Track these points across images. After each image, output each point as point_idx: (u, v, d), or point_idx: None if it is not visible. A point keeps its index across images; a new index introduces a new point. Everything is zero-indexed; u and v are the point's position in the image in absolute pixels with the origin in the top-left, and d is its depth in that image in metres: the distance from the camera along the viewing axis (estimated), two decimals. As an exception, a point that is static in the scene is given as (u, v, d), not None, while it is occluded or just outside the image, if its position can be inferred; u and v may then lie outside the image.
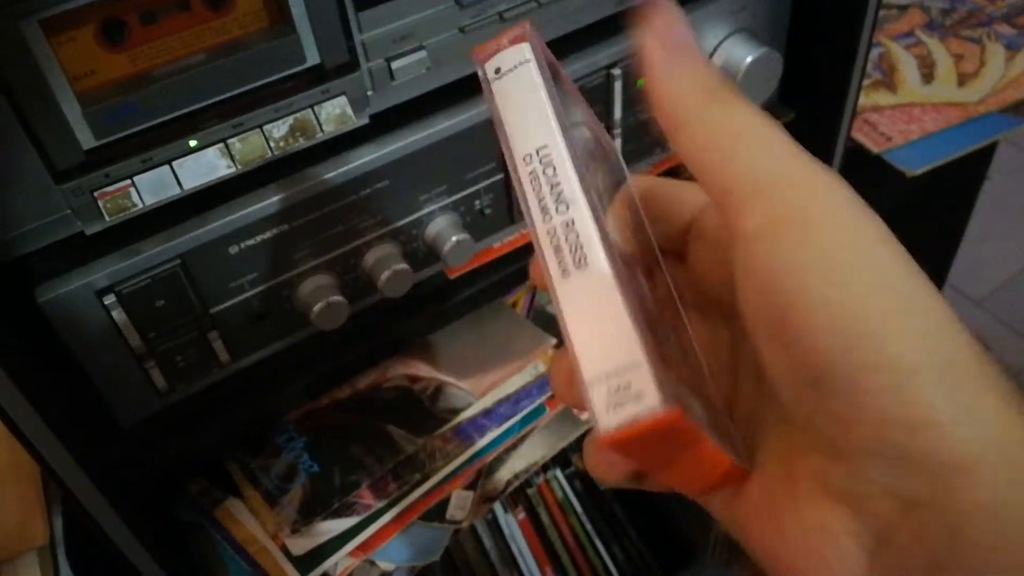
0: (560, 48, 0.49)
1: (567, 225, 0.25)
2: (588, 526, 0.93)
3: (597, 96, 0.52)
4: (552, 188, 0.25)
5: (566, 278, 0.24)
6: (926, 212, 1.09)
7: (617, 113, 0.53)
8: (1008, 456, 0.21)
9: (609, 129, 0.54)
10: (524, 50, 0.28)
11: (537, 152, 0.26)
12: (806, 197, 0.24)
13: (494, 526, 0.90)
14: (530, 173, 0.26)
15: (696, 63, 0.26)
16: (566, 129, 0.26)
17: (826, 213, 0.23)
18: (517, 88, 0.28)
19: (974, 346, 0.22)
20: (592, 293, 0.23)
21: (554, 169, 0.26)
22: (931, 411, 0.21)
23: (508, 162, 0.27)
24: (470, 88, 0.47)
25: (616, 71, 0.51)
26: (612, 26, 0.51)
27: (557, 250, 0.24)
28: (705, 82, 0.26)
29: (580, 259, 0.24)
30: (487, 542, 0.89)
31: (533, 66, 0.28)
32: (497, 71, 0.28)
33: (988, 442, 0.21)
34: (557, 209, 0.25)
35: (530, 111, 0.27)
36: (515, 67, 0.28)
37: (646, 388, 0.21)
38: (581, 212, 0.24)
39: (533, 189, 0.26)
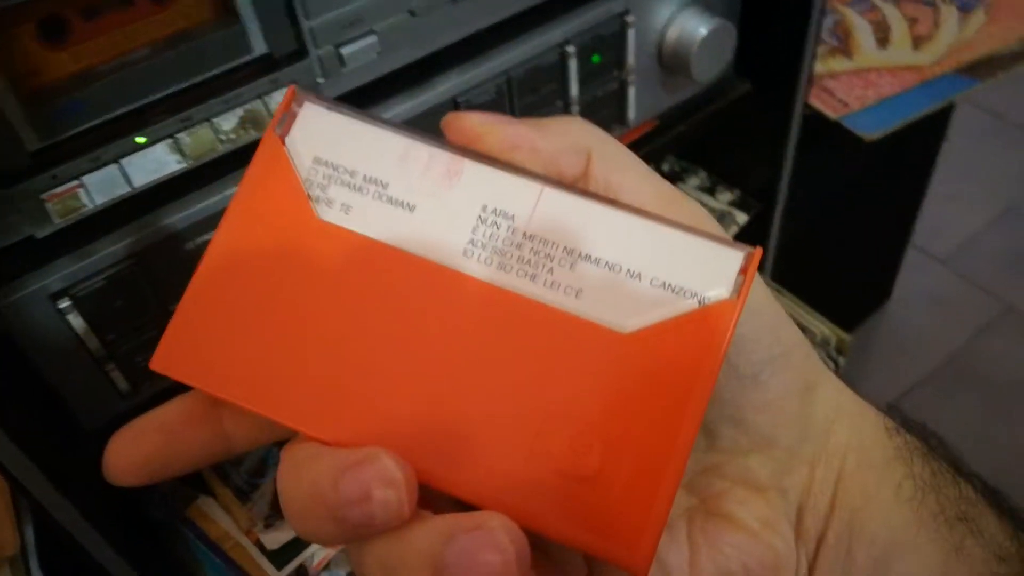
0: (512, 27, 0.49)
1: None
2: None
3: (553, 74, 0.51)
4: None
5: None
6: (888, 175, 1.09)
7: (574, 90, 0.53)
8: (846, 411, 0.28)
9: (567, 106, 0.53)
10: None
11: None
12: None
13: (468, 508, 0.90)
14: None
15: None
16: None
17: None
18: None
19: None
20: None
21: None
22: (819, 373, 0.27)
23: None
24: (423, 72, 0.47)
25: (570, 48, 0.51)
26: (565, 3, 0.50)
27: None
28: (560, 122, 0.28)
29: None
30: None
31: None
32: None
33: (836, 406, 0.27)
34: None
35: None
36: None
37: None
38: None
39: None
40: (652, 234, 0.24)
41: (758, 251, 0.24)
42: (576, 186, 0.26)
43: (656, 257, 0.24)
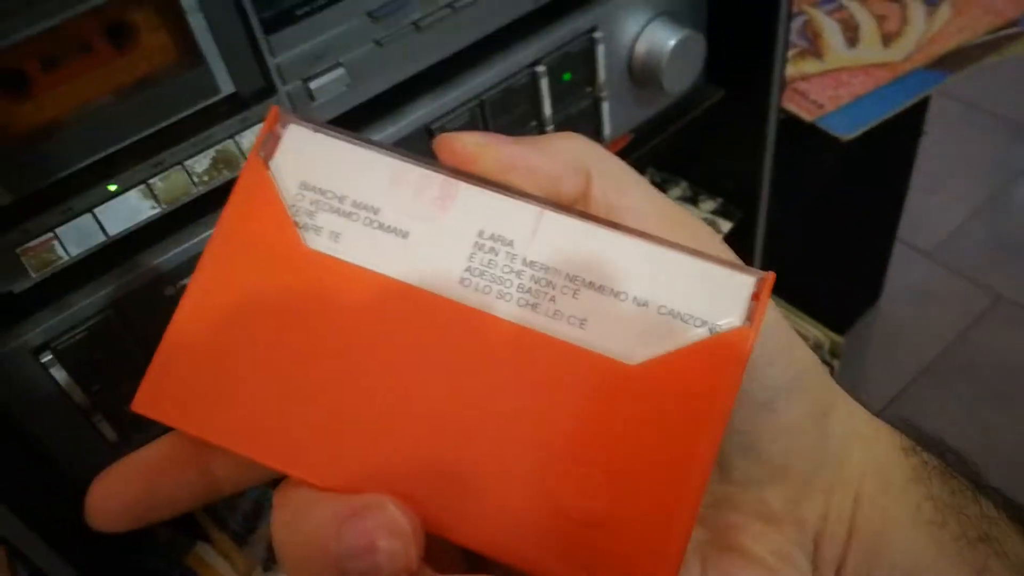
0: (481, 50, 0.49)
1: None
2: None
3: (525, 95, 0.51)
4: None
5: None
6: (868, 173, 1.10)
7: (547, 110, 0.53)
8: (862, 434, 0.27)
9: (542, 126, 0.53)
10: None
11: None
12: None
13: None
14: None
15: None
16: None
17: None
18: None
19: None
20: None
21: None
22: (833, 396, 0.26)
23: None
24: (394, 101, 0.47)
25: (540, 68, 0.51)
26: (531, 24, 0.50)
27: None
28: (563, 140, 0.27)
29: None
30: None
31: None
32: None
33: (851, 429, 0.26)
34: None
35: None
36: None
37: None
38: None
39: None
40: (658, 259, 0.23)
41: (771, 276, 0.23)
42: (577, 208, 0.25)
43: (663, 284, 0.23)
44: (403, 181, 0.24)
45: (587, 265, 0.23)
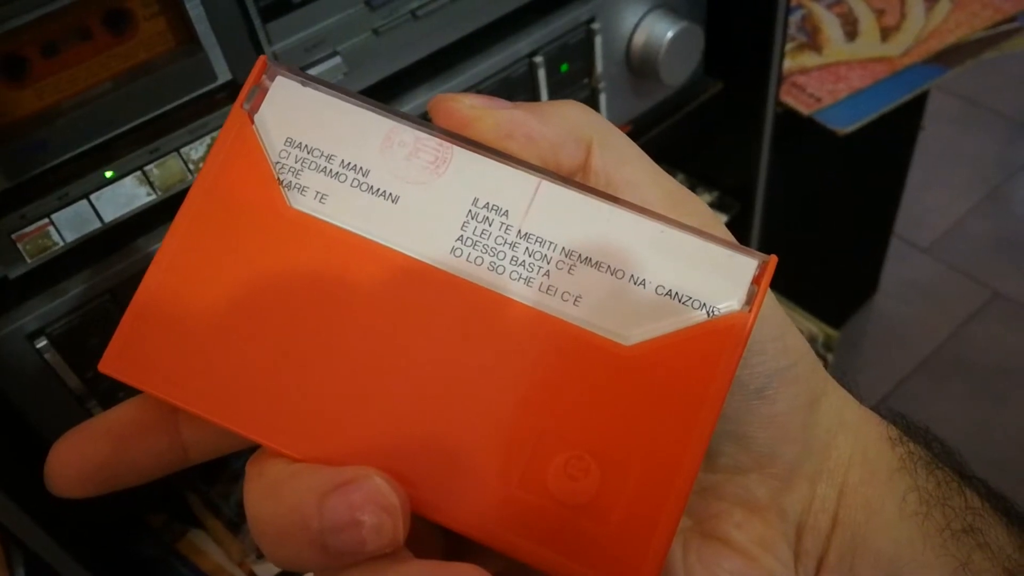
0: (479, 41, 0.49)
1: None
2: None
3: (523, 85, 0.51)
4: None
5: None
6: (865, 168, 1.10)
7: (544, 101, 0.53)
8: (849, 423, 0.26)
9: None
10: None
11: None
12: None
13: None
14: None
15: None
16: None
17: None
18: None
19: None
20: None
21: None
22: (824, 384, 0.26)
23: None
24: (391, 90, 0.47)
25: (538, 58, 0.51)
26: (530, 14, 0.50)
27: None
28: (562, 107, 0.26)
29: None
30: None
31: None
32: None
33: (838, 418, 0.26)
34: None
35: None
36: None
37: None
38: None
39: None
40: (659, 237, 0.22)
41: (773, 259, 0.22)
42: (576, 180, 0.24)
43: (662, 262, 0.22)
44: (395, 142, 0.23)
45: (584, 240, 0.22)
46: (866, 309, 1.49)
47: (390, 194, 0.23)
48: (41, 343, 0.39)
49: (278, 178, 0.23)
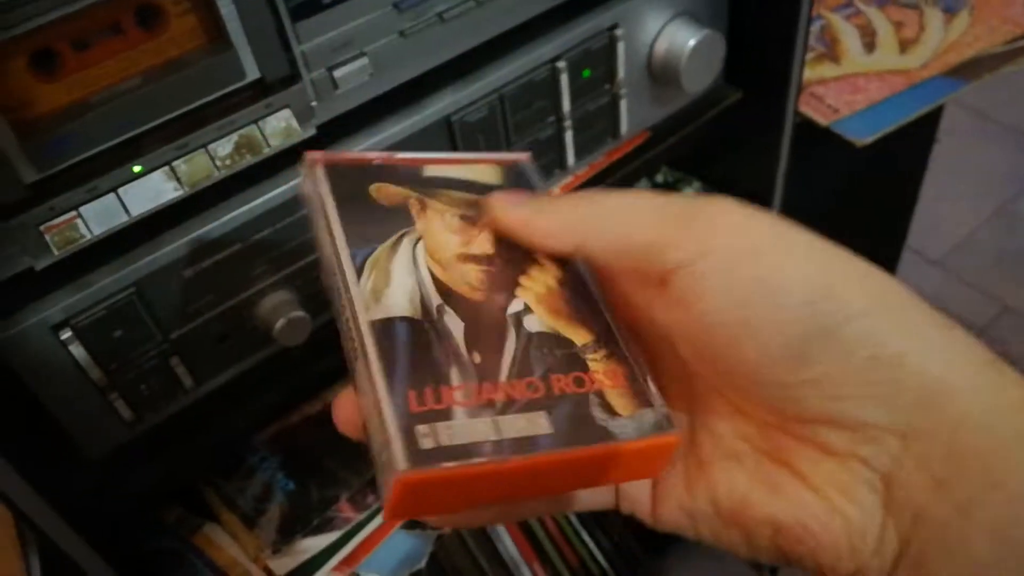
0: (503, 44, 0.49)
1: (350, 322, 0.29)
2: (571, 516, 0.94)
3: (544, 90, 0.51)
4: (340, 289, 0.30)
5: (356, 366, 0.28)
6: (880, 179, 1.10)
7: (566, 105, 0.53)
8: (982, 373, 0.25)
9: (560, 121, 0.53)
10: (316, 174, 0.33)
11: (328, 259, 0.31)
12: (725, 222, 0.27)
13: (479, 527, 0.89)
14: (331, 279, 0.31)
15: (551, 197, 0.31)
16: (357, 232, 0.31)
17: (745, 225, 0.27)
18: (316, 207, 0.32)
19: (920, 299, 0.26)
20: (367, 379, 0.27)
21: (339, 273, 0.30)
22: (903, 342, 0.25)
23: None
24: (416, 92, 0.47)
25: (561, 63, 0.51)
26: (554, 19, 0.51)
27: (349, 341, 0.29)
28: (572, 198, 0.30)
29: (358, 353, 0.28)
30: (472, 543, 0.89)
31: (324, 186, 0.32)
32: (308, 197, 0.33)
33: (961, 364, 0.25)
34: (343, 309, 0.29)
35: (323, 224, 0.31)
36: (314, 191, 0.33)
37: (393, 457, 0.24)
38: (355, 308, 0.28)
39: (335, 291, 0.30)
40: None
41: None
42: None
43: None
44: None
45: None
46: (876, 320, 1.49)
47: None
48: (65, 334, 0.39)
49: None
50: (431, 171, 0.34)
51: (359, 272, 0.29)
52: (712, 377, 0.29)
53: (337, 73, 0.42)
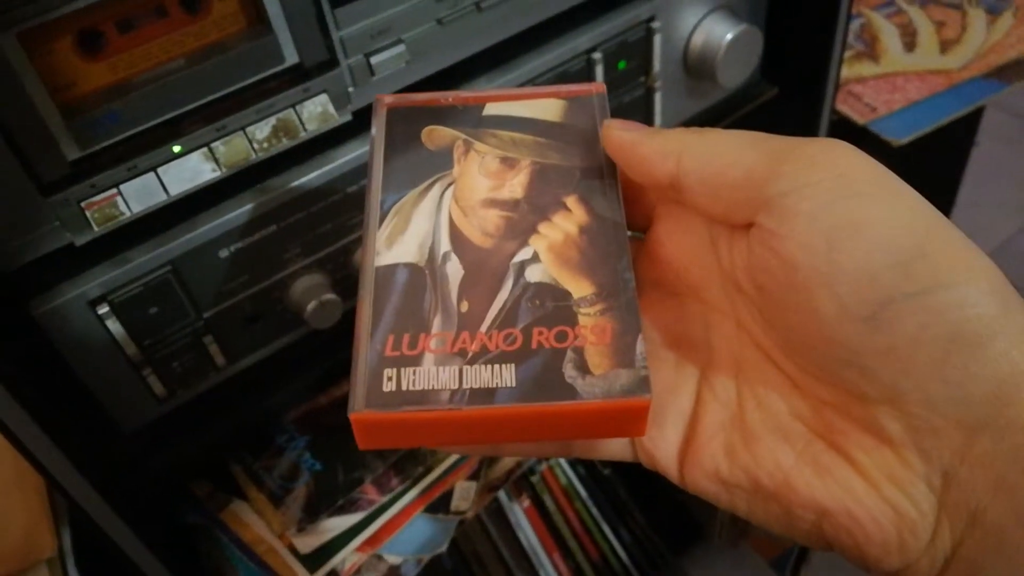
0: (539, 35, 0.49)
1: (363, 264, 0.30)
2: (594, 510, 0.94)
3: (579, 81, 0.51)
4: (365, 232, 0.31)
5: (357, 304, 0.29)
6: (916, 180, 1.08)
7: (600, 97, 0.53)
8: None
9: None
10: (377, 117, 0.34)
11: (367, 203, 0.32)
12: (827, 159, 0.25)
13: (499, 515, 0.90)
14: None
15: (660, 129, 0.30)
16: (394, 177, 0.32)
17: (848, 165, 0.25)
18: (370, 152, 0.33)
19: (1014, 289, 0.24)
20: (359, 319, 0.29)
21: (367, 216, 0.31)
22: (994, 323, 0.22)
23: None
24: (451, 80, 0.47)
25: (597, 55, 0.51)
26: (591, 10, 0.51)
27: (360, 281, 0.30)
28: (680, 130, 0.29)
29: (360, 294, 0.29)
30: (493, 531, 0.89)
31: (379, 131, 0.34)
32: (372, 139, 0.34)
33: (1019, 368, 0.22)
34: (364, 251, 0.30)
35: (370, 169, 0.33)
36: (373, 134, 0.34)
37: (357, 397, 0.27)
38: (367, 251, 0.30)
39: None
40: None
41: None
42: None
43: None
44: None
45: None
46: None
47: None
48: (103, 310, 0.40)
49: None
50: (492, 109, 0.34)
51: (382, 218, 0.30)
52: (776, 338, 0.27)
53: (374, 59, 0.43)
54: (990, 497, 0.23)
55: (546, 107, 0.34)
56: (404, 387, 0.26)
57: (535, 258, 0.30)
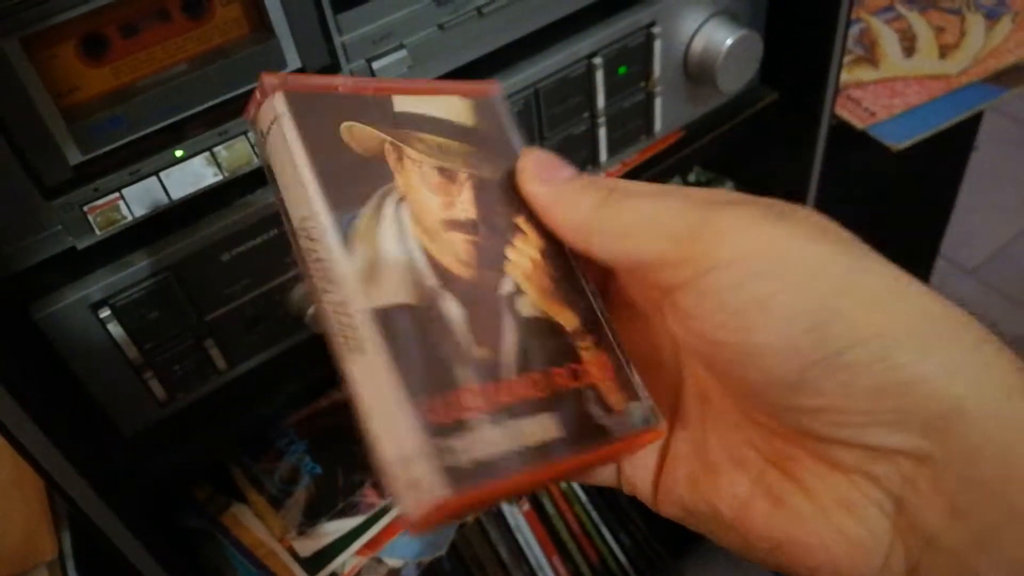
0: (540, 39, 0.49)
1: (337, 307, 0.24)
2: (593, 514, 0.94)
3: (580, 86, 0.52)
4: (318, 263, 0.25)
5: (350, 357, 0.24)
6: (915, 185, 1.09)
7: (600, 102, 0.53)
8: (1010, 397, 0.23)
9: (594, 118, 0.54)
10: (275, 104, 0.26)
11: (302, 222, 0.25)
12: (732, 239, 0.25)
13: (500, 518, 0.90)
14: (302, 244, 0.26)
15: (577, 184, 0.29)
16: (334, 190, 0.25)
17: (749, 243, 0.25)
18: (277, 149, 0.26)
19: (953, 311, 0.24)
20: (372, 378, 0.23)
21: (317, 243, 0.25)
22: (916, 369, 0.23)
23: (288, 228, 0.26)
24: (452, 84, 0.47)
25: (597, 60, 0.51)
26: (591, 15, 0.51)
27: (338, 327, 0.24)
28: (593, 196, 0.28)
29: (354, 345, 0.24)
30: (493, 534, 0.89)
31: (287, 121, 0.26)
32: (262, 132, 0.27)
33: (987, 387, 0.23)
34: (325, 289, 0.25)
35: (290, 175, 0.26)
36: (270, 126, 0.27)
37: (426, 479, 0.22)
38: (345, 291, 0.24)
39: (308, 262, 0.25)
40: None
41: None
42: None
43: None
44: None
45: None
46: (907, 328, 1.47)
47: None
48: (104, 313, 0.40)
49: None
50: (401, 104, 0.29)
51: (346, 245, 0.25)
52: (718, 383, 0.28)
53: (376, 64, 0.43)
54: (946, 522, 0.23)
55: (454, 108, 0.31)
56: (474, 456, 0.23)
57: (519, 290, 0.28)
